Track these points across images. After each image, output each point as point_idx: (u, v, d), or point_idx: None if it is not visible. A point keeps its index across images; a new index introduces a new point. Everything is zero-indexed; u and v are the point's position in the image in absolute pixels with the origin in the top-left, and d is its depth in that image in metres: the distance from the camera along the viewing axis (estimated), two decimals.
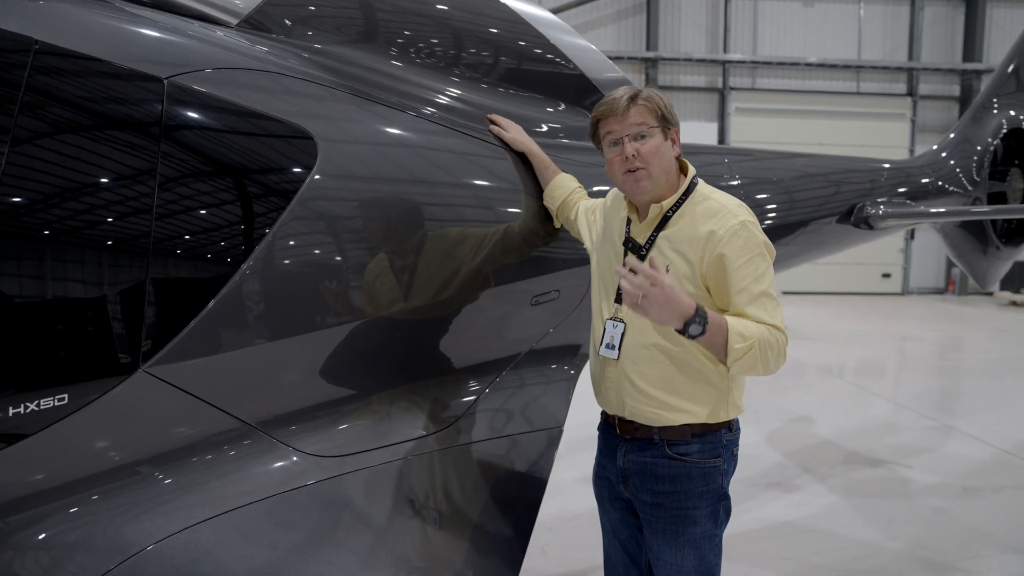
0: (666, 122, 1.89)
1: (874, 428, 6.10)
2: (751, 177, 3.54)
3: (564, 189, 2.31)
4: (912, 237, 16.60)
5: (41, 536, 1.41)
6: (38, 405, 1.39)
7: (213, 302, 1.59)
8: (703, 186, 1.95)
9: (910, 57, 17.96)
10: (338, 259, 1.84)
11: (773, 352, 1.76)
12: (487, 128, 2.35)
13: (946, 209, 4.75)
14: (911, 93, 18.02)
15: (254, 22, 2.13)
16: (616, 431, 2.00)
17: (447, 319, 2.12)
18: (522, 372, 2.44)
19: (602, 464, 2.10)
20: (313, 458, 1.76)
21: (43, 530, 1.42)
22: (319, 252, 1.81)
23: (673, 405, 1.88)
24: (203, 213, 1.62)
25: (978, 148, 5.11)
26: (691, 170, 1.96)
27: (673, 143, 1.91)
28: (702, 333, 1.69)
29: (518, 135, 2.38)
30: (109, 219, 1.50)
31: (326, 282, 1.81)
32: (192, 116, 1.64)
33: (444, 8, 2.59)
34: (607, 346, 1.95)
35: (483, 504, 1.99)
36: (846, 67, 17.76)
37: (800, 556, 3.66)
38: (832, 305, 14.81)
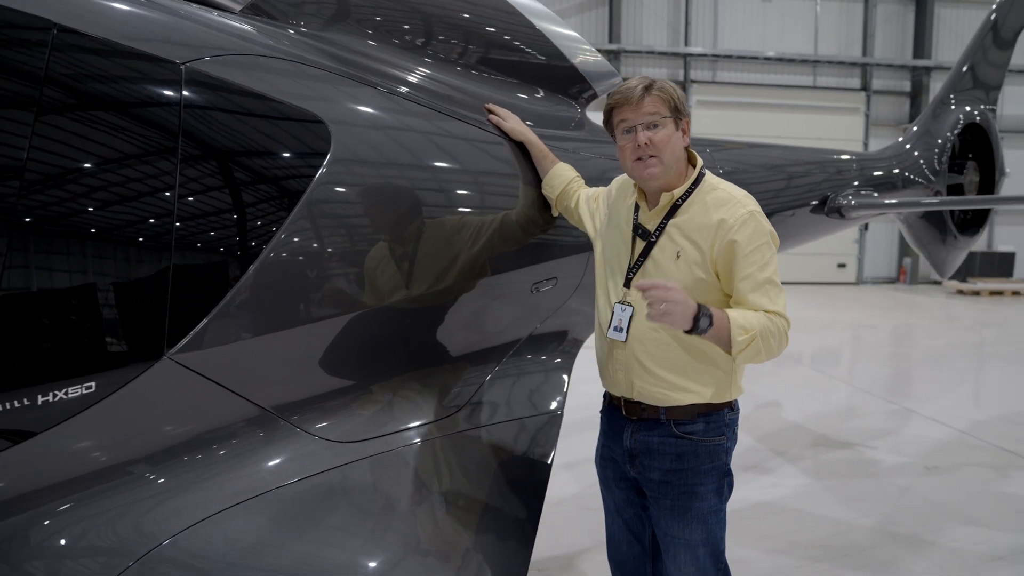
0: (678, 113, 1.94)
1: (838, 412, 6.32)
2: (732, 168, 3.64)
3: (563, 178, 2.36)
4: (866, 228, 17.15)
5: (71, 524, 1.40)
6: (66, 393, 1.38)
7: (235, 287, 1.59)
8: (710, 176, 2.02)
9: (864, 53, 18.48)
10: (354, 246, 1.85)
11: (775, 339, 1.84)
12: (485, 117, 2.37)
13: (911, 200, 4.94)
14: (865, 88, 18.54)
15: (257, 7, 2.12)
16: (622, 412, 2.06)
17: (458, 305, 2.14)
18: (523, 357, 2.48)
19: (607, 445, 2.16)
20: (330, 444, 1.78)
21: (73, 518, 1.41)
22: (335, 239, 1.81)
23: (681, 386, 1.94)
24: (224, 199, 1.62)
25: (938, 142, 5.32)
26: (699, 161, 2.02)
27: (684, 133, 1.97)
28: (710, 326, 1.76)
29: (516, 124, 2.41)
30: (133, 205, 1.48)
31: (343, 269, 1.82)
32: (211, 102, 1.63)
33: None
34: (615, 329, 2.00)
35: (495, 487, 2.02)
36: (803, 61, 18.19)
37: (779, 535, 3.80)
38: (790, 294, 14.88)
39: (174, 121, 1.54)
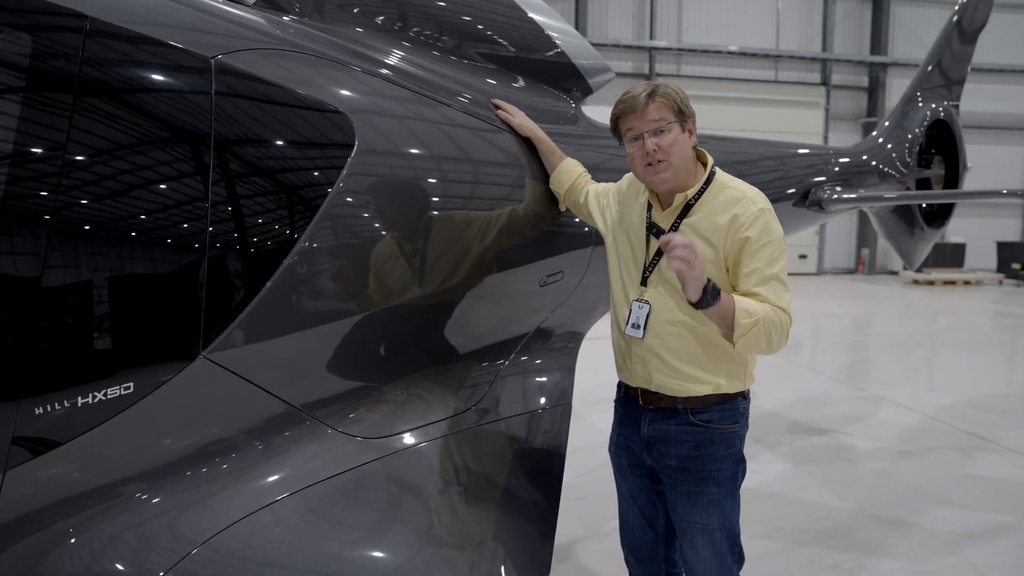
0: (683, 115, 1.98)
1: (811, 399, 6.50)
2: (720, 161, 3.71)
3: (571, 174, 2.38)
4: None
5: (112, 526, 1.39)
6: (105, 395, 1.36)
7: (268, 284, 1.58)
8: (721, 174, 2.06)
9: (823, 48, 18.92)
10: (381, 240, 1.85)
11: (776, 332, 1.88)
12: (493, 111, 2.38)
13: (889, 194, 5.09)
14: (825, 83, 18.99)
15: (271, 0, 2.10)
16: (639, 402, 2.10)
17: (478, 299, 2.16)
18: (532, 350, 2.51)
19: (623, 434, 2.20)
20: (359, 440, 1.78)
21: (113, 521, 1.39)
22: (364, 233, 1.81)
23: (698, 377, 1.99)
24: (258, 193, 1.61)
25: (908, 137, 5.50)
26: (710, 159, 2.06)
27: (690, 134, 2.01)
28: (717, 299, 1.80)
29: (524, 120, 2.43)
30: (167, 201, 1.46)
31: (371, 263, 1.82)
32: (243, 97, 1.61)
33: None
34: (633, 326, 2.04)
35: (516, 480, 2.05)
36: (765, 56, 18.53)
37: (764, 520, 3.90)
38: None
39: (208, 117, 1.52)
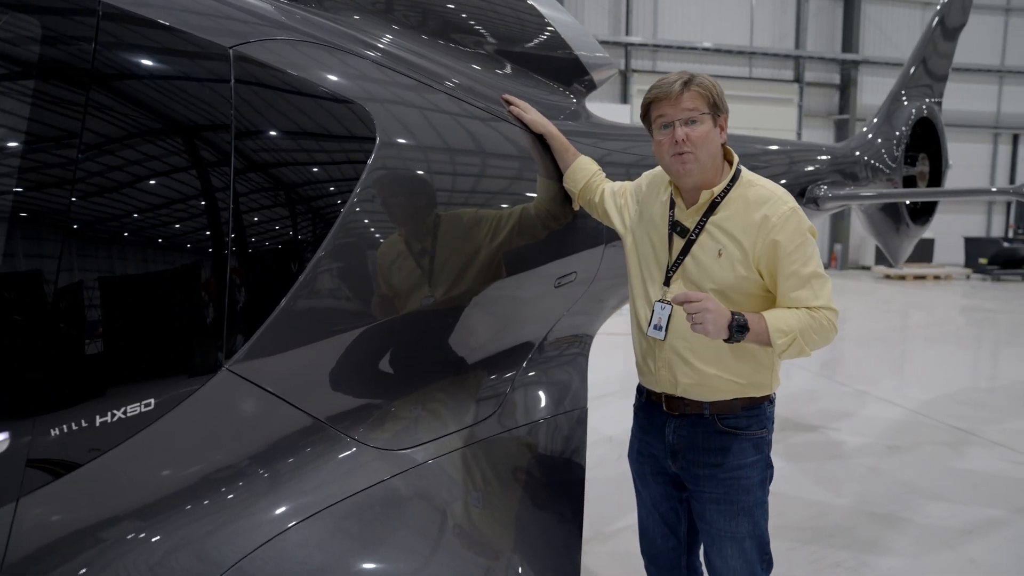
0: (716, 109, 1.92)
1: (797, 396, 6.54)
2: None
3: (586, 172, 2.32)
4: None
5: (135, 555, 1.29)
6: (125, 412, 1.26)
7: (294, 288, 1.50)
8: (747, 172, 2.01)
9: (797, 46, 19.10)
10: (406, 242, 1.78)
11: (818, 334, 1.86)
12: (501, 106, 2.31)
13: (880, 192, 5.13)
14: (798, 79, 19.19)
15: None
16: (663, 408, 2.05)
17: (497, 303, 2.10)
18: (545, 354, 2.45)
19: (645, 441, 2.15)
20: (385, 452, 1.70)
21: (136, 548, 1.29)
22: (389, 234, 1.73)
23: (725, 381, 1.95)
24: (281, 192, 1.52)
25: (896, 134, 5.54)
26: (735, 157, 2.01)
27: (721, 130, 1.95)
28: (745, 332, 1.80)
29: (537, 116, 2.36)
30: (187, 200, 1.37)
31: (395, 268, 1.74)
32: (262, 91, 1.52)
33: None
34: (655, 327, 1.99)
35: (540, 487, 1.99)
36: (740, 53, 18.67)
37: None
38: None
39: (228, 111, 1.43)
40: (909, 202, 5.69)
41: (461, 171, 2.01)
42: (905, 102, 5.86)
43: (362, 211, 1.65)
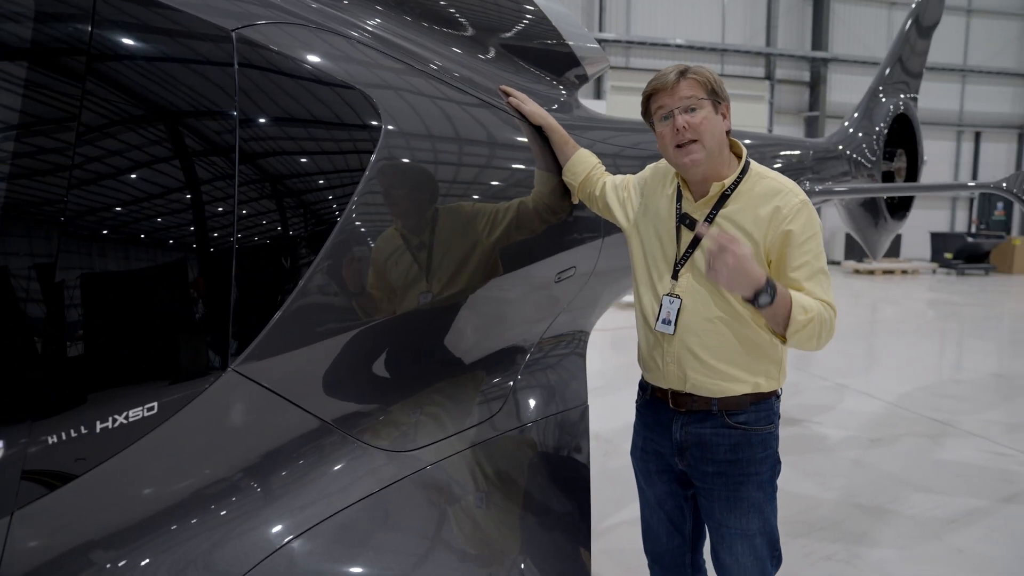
0: (716, 96, 1.89)
1: None
2: None
3: (586, 165, 2.27)
4: None
5: (144, 561, 1.21)
6: (126, 417, 1.18)
7: (298, 288, 1.42)
8: (756, 165, 1.98)
9: (767, 43, 19.31)
10: (411, 240, 1.71)
11: (826, 329, 1.84)
12: (500, 96, 2.26)
13: (863, 186, 5.18)
14: (769, 77, 19.41)
15: None
16: (669, 405, 2.01)
17: (501, 300, 2.04)
18: (545, 350, 2.40)
19: (650, 439, 2.11)
20: (392, 454, 1.64)
21: (143, 555, 1.21)
22: (394, 232, 1.66)
23: (735, 376, 1.91)
24: (289, 181, 1.44)
25: (876, 129, 5.61)
26: (744, 149, 1.98)
27: (724, 118, 1.92)
28: (770, 303, 1.73)
29: (536, 108, 2.31)
30: (190, 190, 1.28)
31: (401, 263, 1.67)
32: (266, 75, 1.44)
33: None
34: (663, 321, 1.95)
35: (547, 485, 1.94)
36: (712, 50, 18.81)
37: None
38: None
39: (232, 96, 1.35)
40: (887, 197, 5.77)
41: (469, 164, 1.95)
42: (883, 99, 5.93)
43: (369, 204, 1.58)
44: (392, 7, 2.22)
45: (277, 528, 1.37)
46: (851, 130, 5.48)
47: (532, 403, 2.16)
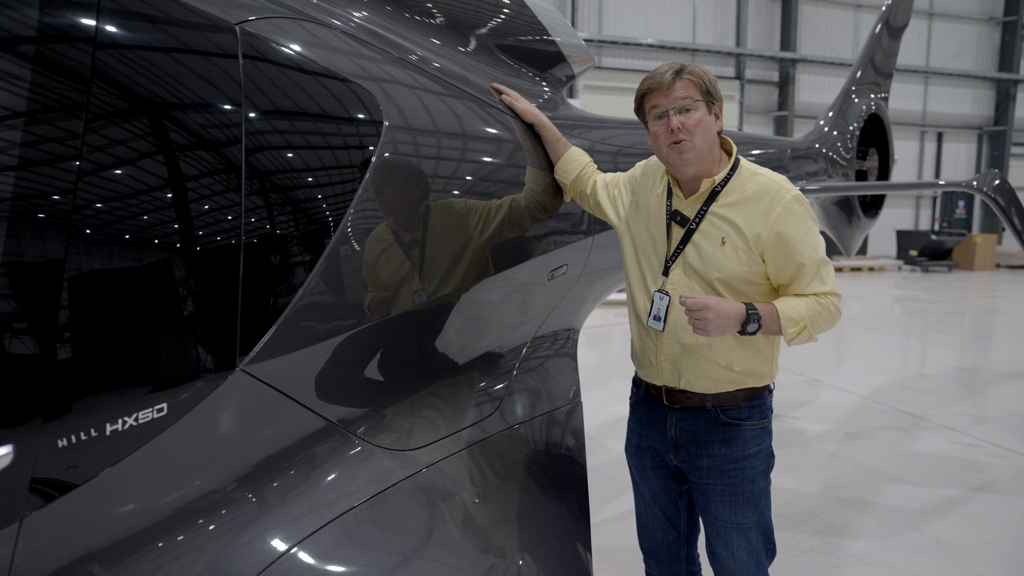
0: (710, 97, 1.91)
1: None
2: None
3: (577, 163, 2.28)
4: None
5: (154, 563, 1.18)
6: (136, 419, 1.16)
7: (305, 284, 1.41)
8: (746, 162, 2.00)
9: (737, 43, 19.56)
10: (406, 241, 1.70)
11: (825, 321, 1.88)
12: (491, 93, 2.26)
13: (835, 184, 5.27)
14: (739, 76, 19.66)
15: None
16: (663, 402, 2.03)
17: (499, 298, 2.04)
18: (538, 348, 2.41)
19: (644, 435, 2.12)
20: (395, 453, 1.63)
21: (153, 558, 1.19)
22: (399, 230, 1.65)
23: (729, 372, 1.94)
24: (295, 175, 1.42)
25: (850, 128, 5.71)
26: (734, 147, 2.00)
27: (716, 118, 1.94)
28: (759, 328, 1.80)
29: (528, 106, 2.31)
30: (196, 185, 1.26)
31: (405, 260, 1.66)
32: (271, 70, 1.42)
33: None
34: (654, 318, 1.96)
35: (547, 483, 1.94)
36: (683, 49, 19.00)
37: None
38: None
39: (237, 90, 1.33)
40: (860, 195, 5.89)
41: (468, 162, 1.94)
42: (855, 99, 6.05)
43: (373, 201, 1.57)
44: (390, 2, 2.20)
45: (282, 532, 1.35)
46: (826, 129, 5.58)
47: (530, 400, 2.16)
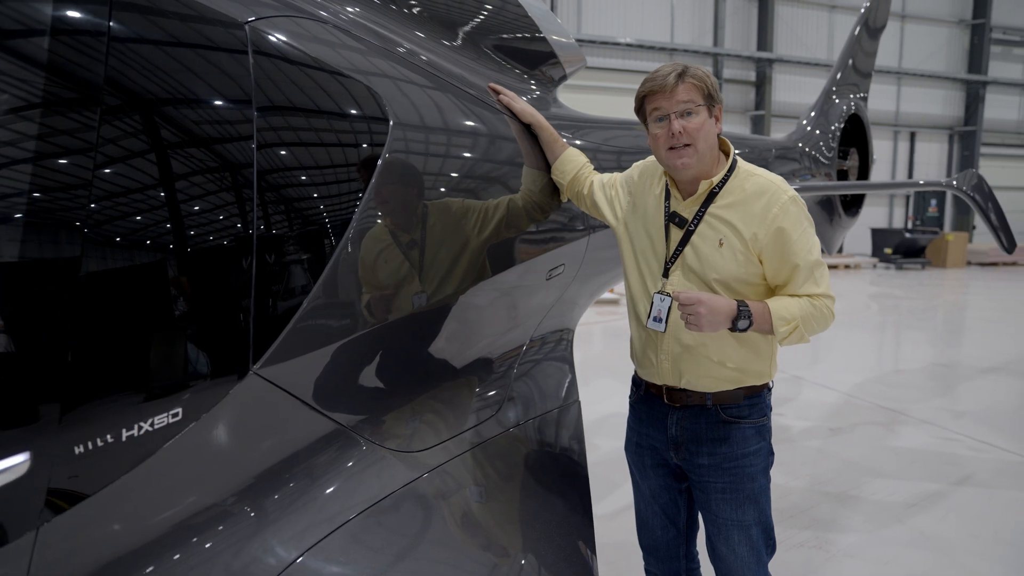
0: (712, 100, 1.92)
1: None
2: None
3: (574, 164, 2.29)
4: None
5: (168, 567, 1.17)
6: (152, 424, 1.14)
7: (317, 286, 1.40)
8: (743, 163, 2.02)
9: (715, 43, 19.72)
10: (406, 242, 1.69)
11: (817, 322, 1.90)
12: (488, 94, 2.26)
13: (818, 184, 5.33)
14: (717, 76, 19.79)
15: None
16: (663, 400, 2.04)
17: (499, 298, 2.04)
18: (536, 347, 2.42)
19: (644, 433, 2.14)
20: (404, 456, 1.62)
21: (168, 562, 1.17)
22: (407, 232, 1.64)
23: (728, 370, 1.96)
24: (306, 173, 1.41)
25: (832, 128, 5.79)
26: (731, 147, 2.02)
27: (716, 120, 1.95)
28: (750, 325, 1.82)
29: (526, 106, 2.31)
30: (208, 184, 1.25)
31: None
32: (282, 69, 1.40)
33: None
34: (655, 319, 1.97)
35: (550, 482, 1.95)
36: (661, 49, 19.11)
37: None
38: None
39: (248, 90, 1.31)
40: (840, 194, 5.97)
41: (467, 161, 1.94)
42: (836, 99, 6.13)
43: (381, 203, 1.56)
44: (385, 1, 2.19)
45: (291, 539, 1.34)
46: (809, 128, 5.65)
47: (531, 400, 2.16)
